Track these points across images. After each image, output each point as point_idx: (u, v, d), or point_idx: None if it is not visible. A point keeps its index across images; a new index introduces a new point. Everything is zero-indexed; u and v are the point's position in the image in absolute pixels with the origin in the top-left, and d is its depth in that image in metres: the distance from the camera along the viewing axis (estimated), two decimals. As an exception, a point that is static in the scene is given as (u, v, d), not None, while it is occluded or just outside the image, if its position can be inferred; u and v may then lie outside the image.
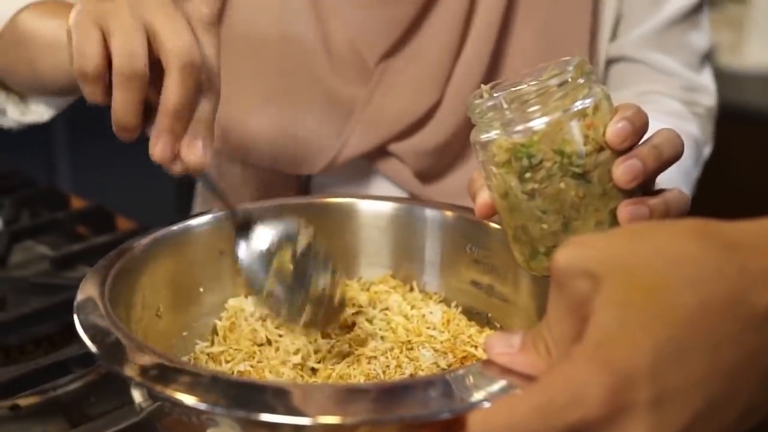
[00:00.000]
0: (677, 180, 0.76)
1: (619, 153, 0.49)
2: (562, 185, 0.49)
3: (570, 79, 0.49)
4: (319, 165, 0.81)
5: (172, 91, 0.51)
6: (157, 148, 0.53)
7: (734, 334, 0.34)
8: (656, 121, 0.76)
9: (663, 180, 0.58)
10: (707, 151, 0.86)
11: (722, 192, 1.53)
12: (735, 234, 0.36)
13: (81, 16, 0.53)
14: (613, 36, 0.82)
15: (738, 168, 1.64)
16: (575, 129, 0.48)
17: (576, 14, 0.79)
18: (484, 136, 0.50)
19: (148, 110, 0.53)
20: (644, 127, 0.49)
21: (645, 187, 0.50)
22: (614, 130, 0.48)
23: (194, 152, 0.53)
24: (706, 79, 0.86)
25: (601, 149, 0.49)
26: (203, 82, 0.53)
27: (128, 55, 0.51)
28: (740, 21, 1.87)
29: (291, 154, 0.82)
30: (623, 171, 0.48)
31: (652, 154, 0.48)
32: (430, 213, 0.64)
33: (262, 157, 0.82)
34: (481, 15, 0.78)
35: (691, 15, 0.82)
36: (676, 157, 0.50)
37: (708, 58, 0.86)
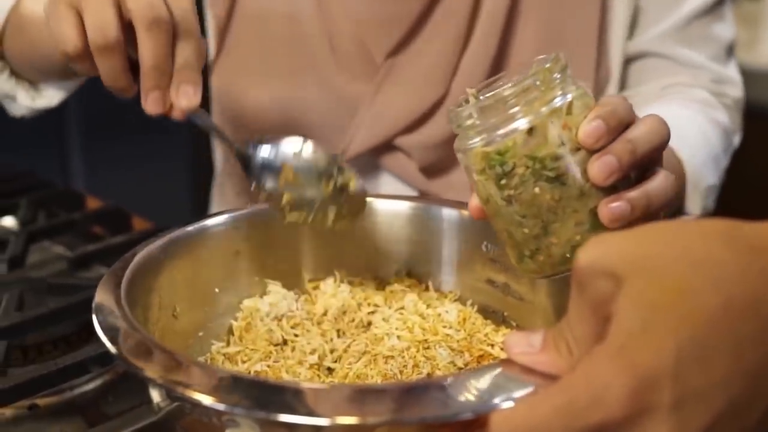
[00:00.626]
0: (707, 166, 0.75)
1: (595, 151, 0.48)
2: (536, 190, 0.49)
3: (539, 82, 0.48)
4: None
5: (145, 50, 0.54)
6: (148, 105, 0.56)
7: (756, 335, 0.34)
8: (685, 110, 0.74)
9: (695, 166, 0.57)
10: (737, 140, 0.85)
11: (738, 189, 1.52)
12: (758, 236, 0.36)
13: (54, 1, 0.56)
14: (631, 33, 0.81)
15: (754, 165, 1.63)
16: (548, 132, 0.48)
17: (582, 7, 0.79)
18: (462, 145, 0.50)
19: (138, 67, 0.56)
20: (621, 124, 0.48)
21: (629, 178, 0.49)
22: (587, 130, 0.47)
23: (184, 97, 0.56)
24: (732, 70, 0.85)
25: (577, 149, 0.48)
26: (178, 32, 0.55)
27: (100, 28, 0.54)
28: (756, 18, 1.85)
29: None
30: (598, 169, 0.47)
31: (627, 149, 0.47)
32: (446, 212, 0.64)
33: None
34: (487, 7, 0.78)
35: (714, 7, 0.81)
36: (656, 148, 0.49)
37: (733, 49, 0.85)
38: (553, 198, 0.49)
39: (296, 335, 0.60)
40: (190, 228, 0.60)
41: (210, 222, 0.62)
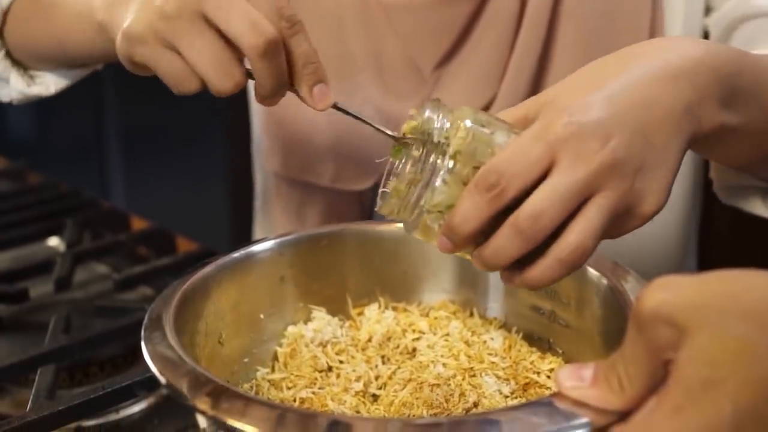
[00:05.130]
0: None
1: None
2: None
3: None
4: (374, 178, 0.81)
5: (263, 78, 0.54)
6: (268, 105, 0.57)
7: None
8: None
9: None
10: None
11: None
12: None
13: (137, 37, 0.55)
14: (707, 10, 0.77)
15: None
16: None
17: (629, 2, 0.76)
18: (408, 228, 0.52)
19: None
20: (469, 233, 0.48)
21: None
22: (438, 243, 0.49)
23: (320, 100, 0.57)
24: None
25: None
26: (285, 29, 0.54)
27: (222, 73, 0.53)
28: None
29: (351, 169, 0.82)
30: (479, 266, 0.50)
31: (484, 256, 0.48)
32: (491, 238, 0.63)
33: (324, 174, 0.82)
34: (531, 7, 0.76)
35: None
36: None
37: None
38: None
39: (341, 361, 0.60)
40: (236, 254, 0.61)
41: (255, 248, 0.62)
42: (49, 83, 0.77)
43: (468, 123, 0.49)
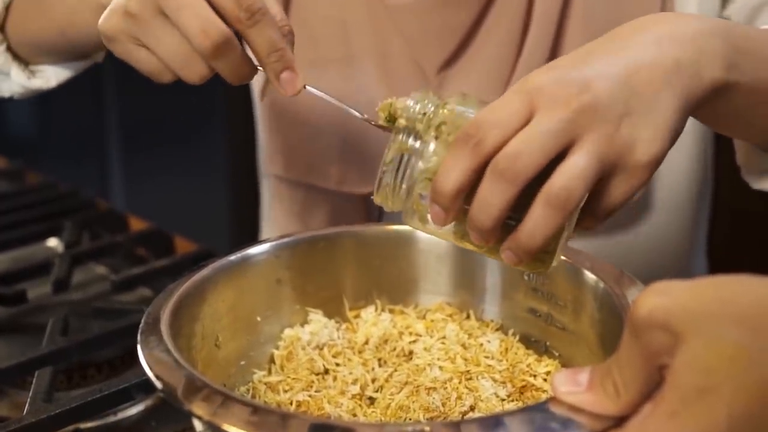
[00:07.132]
0: None
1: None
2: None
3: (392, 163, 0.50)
4: None
5: (256, 44, 0.56)
6: (287, 89, 0.58)
7: None
8: None
9: None
10: None
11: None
12: None
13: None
14: (724, 2, 0.76)
15: None
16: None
17: (639, 3, 0.76)
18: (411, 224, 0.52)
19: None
20: (458, 192, 0.47)
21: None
22: (430, 215, 0.48)
23: (290, 87, 0.58)
24: None
25: None
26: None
27: (202, 31, 0.54)
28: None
29: (357, 171, 0.81)
30: (474, 239, 0.48)
31: (478, 223, 0.47)
32: (488, 241, 0.63)
33: (330, 177, 0.82)
34: (539, 8, 0.75)
35: None
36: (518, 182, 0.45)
37: None
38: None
39: (338, 364, 0.60)
40: (232, 257, 0.61)
41: (252, 251, 0.62)
42: (50, 76, 0.78)
43: (454, 102, 0.50)
